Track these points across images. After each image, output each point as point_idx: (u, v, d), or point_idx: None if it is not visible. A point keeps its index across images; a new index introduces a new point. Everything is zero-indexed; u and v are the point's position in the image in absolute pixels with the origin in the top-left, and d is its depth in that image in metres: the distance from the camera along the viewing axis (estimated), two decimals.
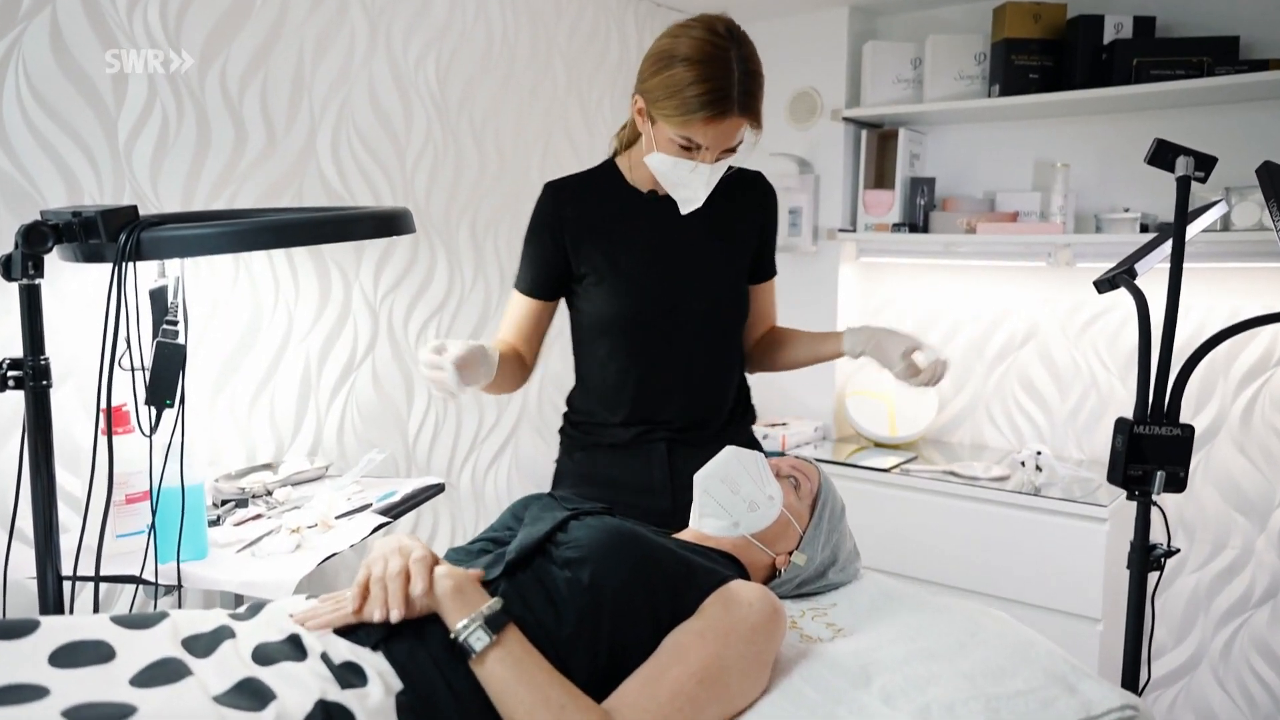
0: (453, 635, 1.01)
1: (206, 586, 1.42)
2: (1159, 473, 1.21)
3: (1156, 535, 1.28)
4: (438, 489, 1.93)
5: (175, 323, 1.37)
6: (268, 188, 2.04)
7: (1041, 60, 2.64)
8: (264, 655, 0.99)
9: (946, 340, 3.07)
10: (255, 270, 2.03)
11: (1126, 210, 2.61)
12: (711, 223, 1.59)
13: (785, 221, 3.09)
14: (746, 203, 1.66)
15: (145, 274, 1.62)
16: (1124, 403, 2.78)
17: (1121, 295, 2.74)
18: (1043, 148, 2.84)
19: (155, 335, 1.38)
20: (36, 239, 1.30)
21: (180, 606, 1.42)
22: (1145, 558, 1.26)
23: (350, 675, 0.97)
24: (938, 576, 2.63)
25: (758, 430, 3.02)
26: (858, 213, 3.05)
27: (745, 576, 1.30)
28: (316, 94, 2.12)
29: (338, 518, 1.67)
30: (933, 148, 3.04)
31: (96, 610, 1.33)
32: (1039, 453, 2.59)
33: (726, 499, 1.31)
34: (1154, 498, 1.23)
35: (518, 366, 1.63)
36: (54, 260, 1.39)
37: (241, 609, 1.12)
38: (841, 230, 3.04)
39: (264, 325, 2.05)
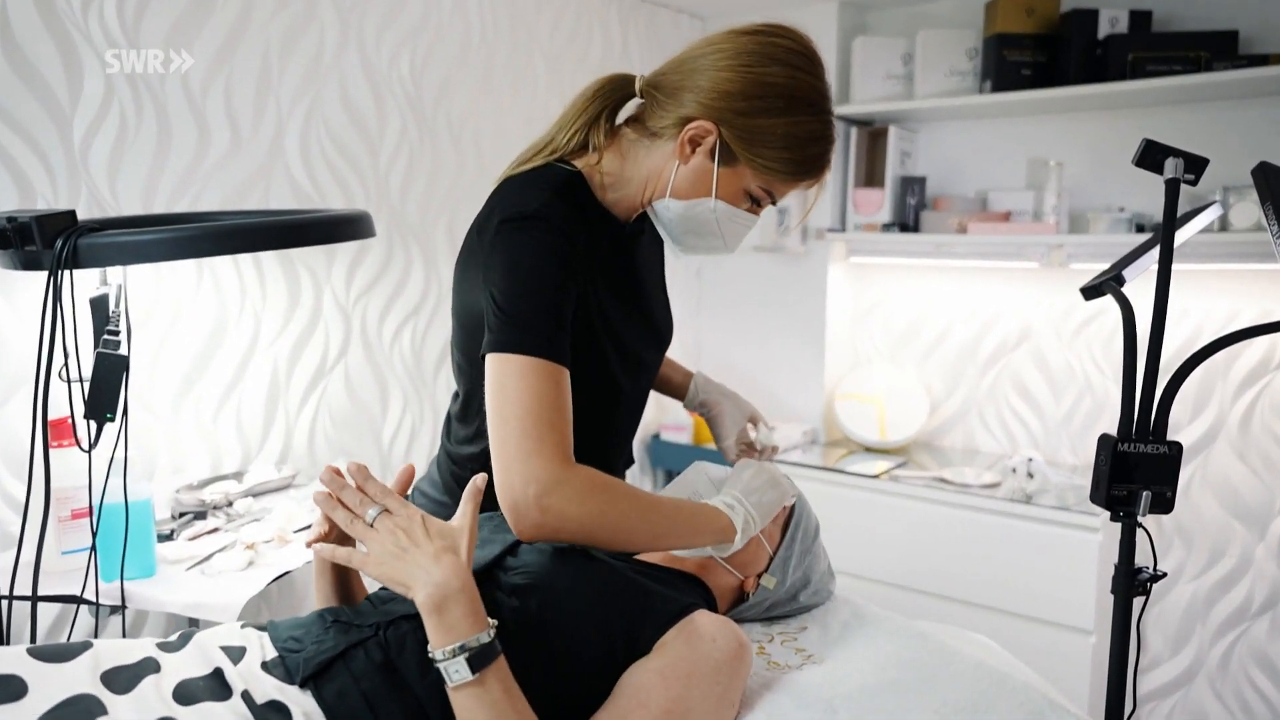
0: (432, 655, 0.92)
1: (150, 607, 1.36)
2: (1144, 493, 1.14)
3: (1143, 557, 1.22)
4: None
5: (116, 332, 1.31)
6: (233, 189, 1.98)
7: (1035, 56, 2.57)
8: (186, 693, 0.93)
9: (938, 343, 3.01)
10: (220, 273, 1.97)
11: (1121, 210, 2.54)
12: (659, 252, 1.39)
13: (773, 221, 3.03)
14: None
15: (94, 281, 1.56)
16: (1119, 407, 2.71)
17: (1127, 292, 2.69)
18: (1036, 145, 2.77)
19: (97, 346, 1.32)
20: None
21: (124, 626, 1.37)
22: (1131, 582, 1.19)
23: (273, 716, 0.91)
24: (927, 586, 2.57)
25: None
26: (847, 212, 2.98)
27: (710, 600, 1.24)
28: (284, 93, 2.05)
29: (296, 531, 1.61)
30: (924, 146, 2.98)
31: (34, 630, 1.27)
32: (1030, 459, 2.53)
33: None
34: (1139, 519, 1.17)
35: None
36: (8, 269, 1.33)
37: (173, 637, 1.06)
38: (830, 230, 2.97)
39: (230, 329, 1.99)
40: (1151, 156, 1.25)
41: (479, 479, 1.02)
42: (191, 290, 1.92)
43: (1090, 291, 1.40)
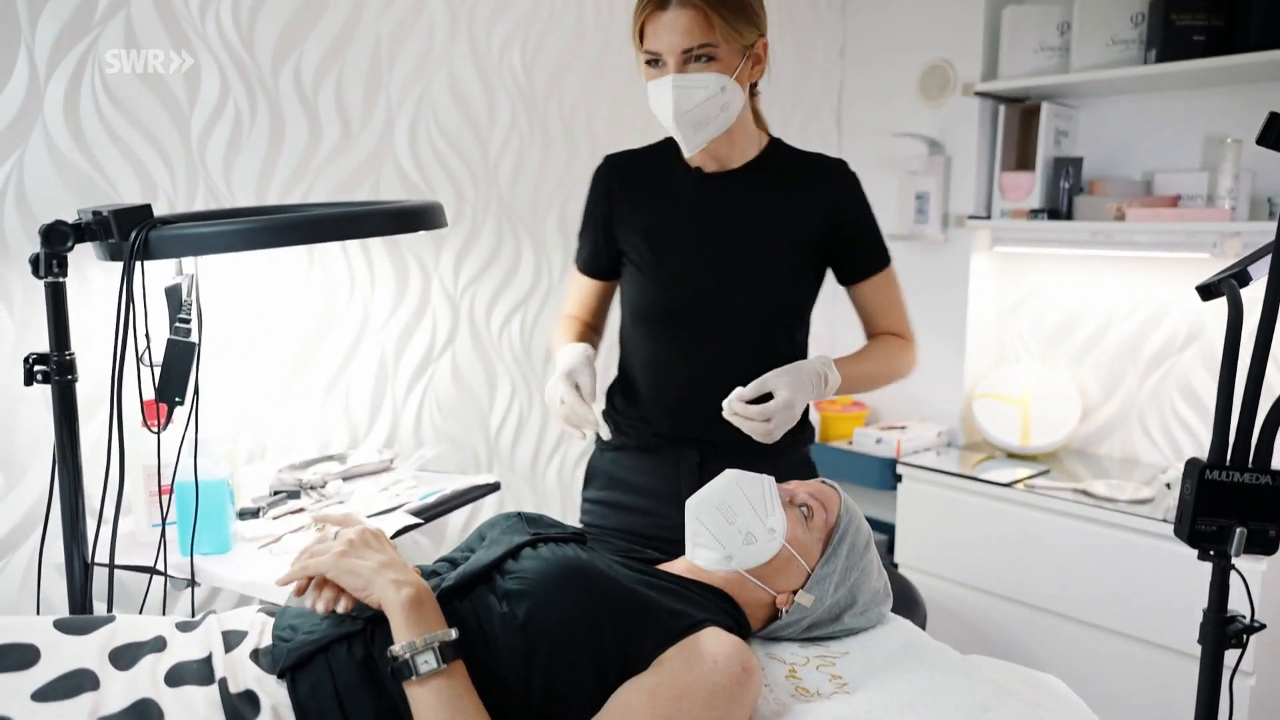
0: (396, 651, 0.93)
1: (215, 583, 1.43)
2: (1238, 529, 0.97)
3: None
4: (490, 488, 1.88)
5: (187, 320, 1.38)
6: (343, 181, 2.05)
7: (1209, 19, 2.27)
8: (176, 675, 0.96)
9: (1095, 340, 2.73)
10: (329, 261, 2.05)
11: None
12: (768, 208, 1.47)
13: (912, 208, 2.85)
14: (815, 188, 1.50)
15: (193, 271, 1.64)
16: None
17: None
18: (1212, 121, 2.45)
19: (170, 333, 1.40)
20: (56, 238, 1.33)
21: (193, 601, 1.44)
22: (1222, 632, 1.02)
23: (244, 706, 0.92)
24: (1061, 608, 2.36)
25: (870, 434, 2.81)
26: (993, 197, 2.75)
27: (739, 616, 1.17)
28: (394, 86, 2.11)
29: (370, 516, 1.65)
30: (1083, 124, 2.70)
31: (111, 599, 1.37)
32: None
33: (720, 529, 1.18)
34: (1233, 560, 1.00)
35: (597, 338, 1.67)
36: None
37: (196, 617, 1.10)
38: (973, 217, 2.76)
39: (339, 315, 2.07)
40: (1275, 132, 1.06)
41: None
42: (302, 277, 2.01)
43: (1206, 291, 1.21)
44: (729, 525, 1.17)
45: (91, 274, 1.73)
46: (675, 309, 1.49)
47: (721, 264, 1.47)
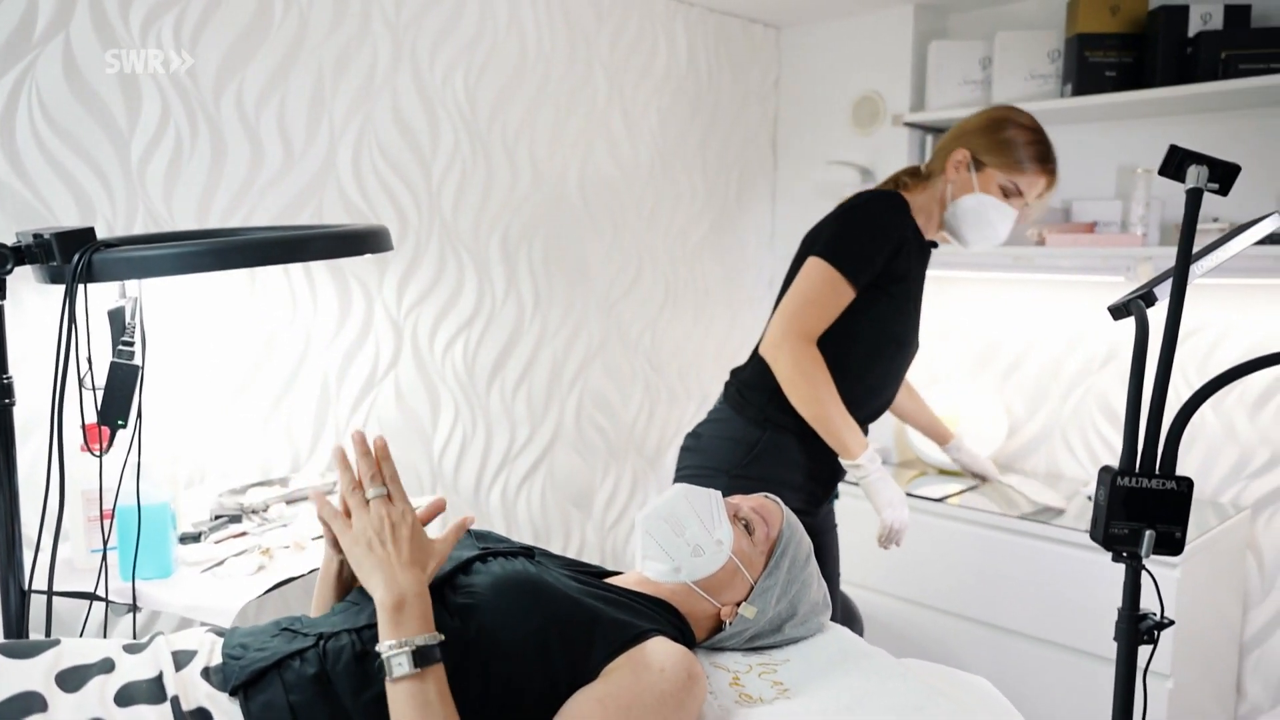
0: (379, 649, 0.96)
1: (157, 607, 1.42)
2: (1148, 532, 1.04)
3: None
4: None
5: (130, 343, 1.38)
6: (286, 205, 2.06)
7: (1120, 56, 2.41)
8: (126, 695, 0.96)
9: (1019, 361, 2.85)
10: (272, 284, 2.05)
11: (1215, 220, 2.35)
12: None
13: None
14: None
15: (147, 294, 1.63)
16: (1216, 432, 2.51)
17: (1217, 310, 2.48)
18: (1124, 152, 2.59)
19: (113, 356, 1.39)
20: None
21: (134, 625, 1.43)
22: (1135, 629, 1.09)
23: None
24: (990, 618, 2.44)
25: None
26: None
27: (684, 627, 1.20)
28: (337, 111, 2.12)
29: (314, 539, 1.65)
30: None
31: (49, 625, 1.35)
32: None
33: (669, 541, 1.21)
34: (1144, 561, 1.07)
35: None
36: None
37: (143, 639, 1.10)
38: None
39: (280, 339, 2.07)
40: (1174, 163, 1.15)
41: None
42: (244, 300, 2.00)
43: (1117, 311, 1.29)
44: (677, 538, 1.21)
45: (25, 298, 1.70)
46: (907, 338, 2.03)
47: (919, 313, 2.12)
